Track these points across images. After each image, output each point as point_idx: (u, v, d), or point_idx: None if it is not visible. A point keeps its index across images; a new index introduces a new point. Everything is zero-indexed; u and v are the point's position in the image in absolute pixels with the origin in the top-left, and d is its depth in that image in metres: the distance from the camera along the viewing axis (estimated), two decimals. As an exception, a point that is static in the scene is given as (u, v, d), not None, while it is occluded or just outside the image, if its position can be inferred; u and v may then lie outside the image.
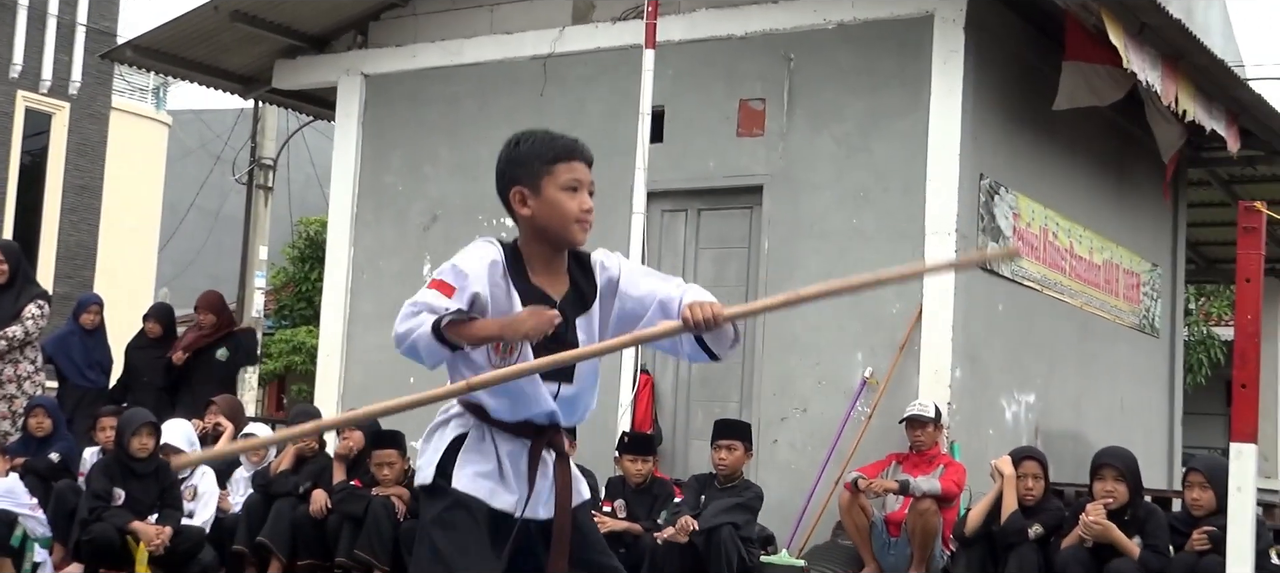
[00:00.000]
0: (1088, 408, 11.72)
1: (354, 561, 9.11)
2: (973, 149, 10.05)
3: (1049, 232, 11.12)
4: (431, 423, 4.00)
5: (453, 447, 3.88)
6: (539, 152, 3.88)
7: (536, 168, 3.86)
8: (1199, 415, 18.91)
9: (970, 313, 9.98)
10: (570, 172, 3.86)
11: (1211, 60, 10.78)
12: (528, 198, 3.86)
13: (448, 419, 3.95)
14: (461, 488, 3.84)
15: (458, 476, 3.84)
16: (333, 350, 12.27)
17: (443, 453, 3.88)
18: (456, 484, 3.84)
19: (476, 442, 3.88)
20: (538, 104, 11.53)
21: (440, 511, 3.85)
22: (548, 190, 3.84)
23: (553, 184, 3.84)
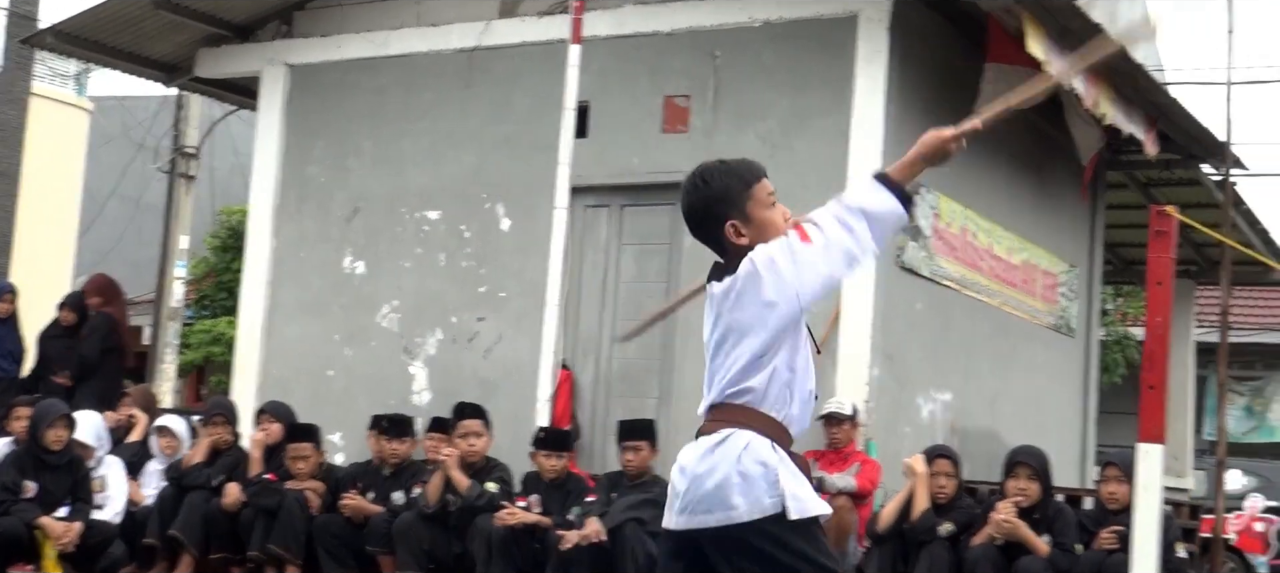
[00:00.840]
0: (1003, 406, 11.85)
1: (267, 555, 9.06)
2: (895, 149, 10.10)
3: (968, 232, 11.23)
4: (740, 449, 3.88)
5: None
6: (735, 180, 4.01)
7: (738, 198, 3.97)
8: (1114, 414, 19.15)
9: (888, 312, 10.06)
10: (764, 188, 4.01)
11: (1131, 66, 10.92)
12: (743, 229, 3.94)
13: (750, 444, 3.88)
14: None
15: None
16: (251, 342, 12.18)
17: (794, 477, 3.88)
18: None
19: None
20: (463, 98, 11.51)
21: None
22: (756, 213, 3.96)
23: (757, 206, 3.97)
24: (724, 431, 3.86)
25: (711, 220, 3.97)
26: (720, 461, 3.83)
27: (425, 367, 11.40)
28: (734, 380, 3.88)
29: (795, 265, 3.80)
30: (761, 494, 3.77)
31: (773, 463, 3.81)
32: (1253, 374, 24.13)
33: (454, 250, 11.43)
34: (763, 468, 3.80)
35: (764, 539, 3.76)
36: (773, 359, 3.85)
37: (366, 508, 9.01)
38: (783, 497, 3.78)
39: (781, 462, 3.84)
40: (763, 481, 3.79)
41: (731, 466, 3.80)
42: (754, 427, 3.85)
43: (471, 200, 11.40)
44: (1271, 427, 23.86)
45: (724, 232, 3.95)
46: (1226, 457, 12.33)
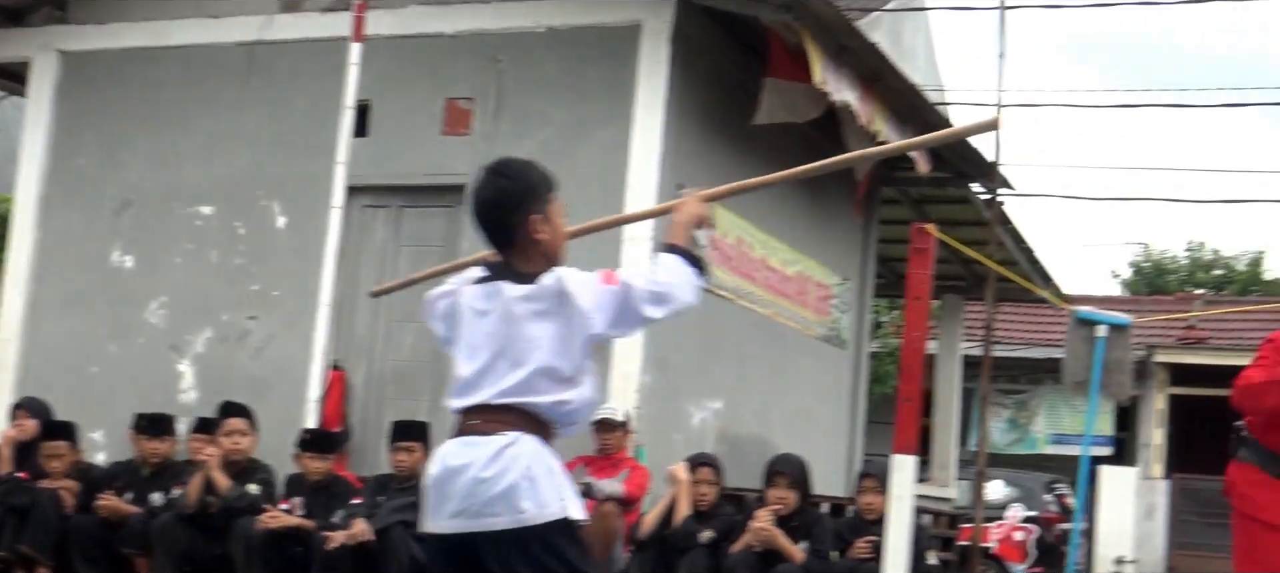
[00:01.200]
0: (773, 415, 12.09)
1: (16, 556, 8.80)
2: (672, 159, 10.26)
3: (743, 242, 11.43)
4: (530, 454, 3.92)
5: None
6: (542, 181, 4.12)
7: (542, 196, 4.08)
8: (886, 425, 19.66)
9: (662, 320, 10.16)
10: (560, 202, 4.15)
11: (905, 85, 11.26)
12: (541, 224, 4.05)
13: (538, 449, 3.95)
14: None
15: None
16: (11, 336, 11.80)
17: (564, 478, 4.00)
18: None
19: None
20: (242, 93, 11.33)
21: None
22: (554, 217, 4.09)
23: (556, 210, 4.10)
24: (510, 434, 3.90)
25: (513, 210, 4.03)
26: (510, 464, 3.85)
27: (193, 365, 11.18)
28: (522, 388, 3.93)
29: (595, 298, 3.93)
30: (549, 499, 3.86)
31: (557, 469, 3.93)
32: (1017, 388, 24.97)
33: (227, 248, 11.23)
34: (550, 473, 3.90)
35: (543, 544, 3.83)
36: (577, 384, 3.98)
37: (122, 508, 8.81)
38: (566, 503, 3.89)
39: (561, 468, 3.96)
40: (551, 485, 3.88)
41: (522, 470, 3.85)
42: (536, 433, 3.92)
43: (247, 198, 11.22)
44: (1034, 439, 24.74)
45: (527, 224, 4.02)
46: (989, 468, 12.79)
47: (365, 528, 8.05)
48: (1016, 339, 24.76)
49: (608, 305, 3.90)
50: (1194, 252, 40.56)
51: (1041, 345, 24.51)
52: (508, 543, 3.83)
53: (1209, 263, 40.20)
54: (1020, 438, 24.72)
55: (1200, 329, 24.10)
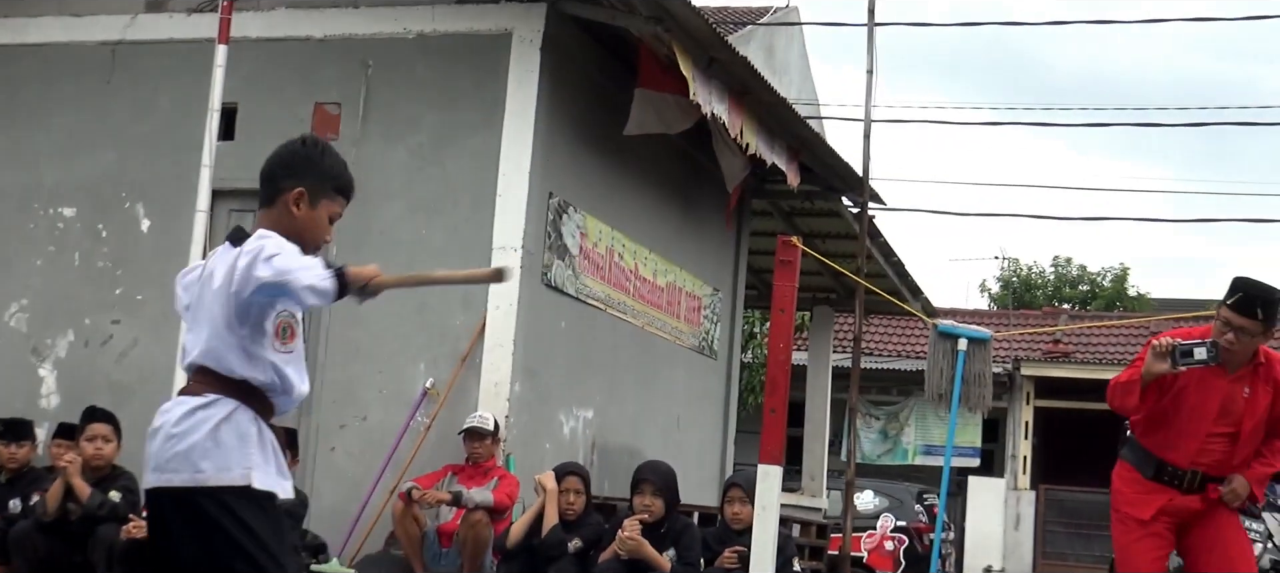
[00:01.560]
0: (645, 425, 12.12)
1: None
2: (543, 168, 10.25)
3: (615, 252, 11.46)
4: (222, 416, 3.88)
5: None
6: (335, 173, 4.10)
7: (322, 185, 4.05)
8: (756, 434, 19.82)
9: (532, 328, 10.18)
10: (338, 206, 4.12)
11: (775, 98, 11.36)
12: (303, 202, 4.00)
13: (233, 413, 3.89)
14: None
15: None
16: None
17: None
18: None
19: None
20: (105, 93, 11.13)
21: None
22: (321, 208, 4.04)
23: (326, 206, 4.06)
24: (211, 396, 3.88)
25: (287, 177, 4.02)
26: (199, 423, 3.84)
27: (54, 369, 10.95)
28: (207, 352, 3.91)
29: (241, 262, 3.81)
30: (230, 463, 3.82)
31: (250, 436, 3.87)
32: (888, 399, 25.30)
33: (89, 250, 11.02)
34: (241, 440, 3.85)
35: (218, 505, 3.79)
36: (256, 354, 3.90)
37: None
38: (249, 470, 3.84)
39: (260, 436, 3.90)
40: (236, 451, 3.84)
41: (207, 431, 3.83)
42: (239, 398, 3.88)
43: (110, 199, 11.01)
44: (904, 450, 25.06)
45: (289, 194, 3.99)
46: (859, 478, 12.94)
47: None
48: (887, 351, 25.09)
49: (241, 266, 3.80)
50: (1060, 267, 41.40)
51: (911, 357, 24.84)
52: (186, 504, 3.81)
53: (1075, 278, 41.06)
54: (891, 449, 25.03)
55: (1066, 344, 24.60)
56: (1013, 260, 41.79)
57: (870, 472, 20.77)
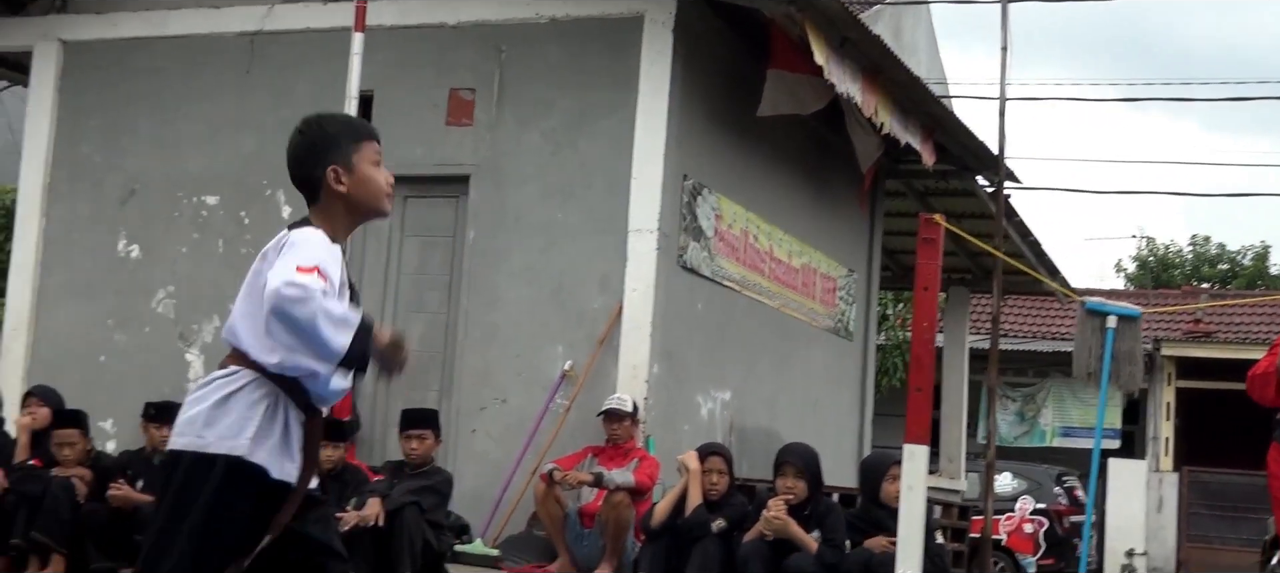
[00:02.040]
0: (782, 406, 12.06)
1: (30, 542, 8.77)
2: (677, 150, 10.23)
3: (749, 234, 11.40)
4: (235, 387, 3.80)
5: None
6: (345, 129, 4.03)
7: (345, 146, 3.96)
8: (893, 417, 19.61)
9: (669, 311, 10.16)
10: (375, 148, 4.01)
11: (908, 77, 11.22)
12: (343, 175, 3.93)
13: (247, 386, 3.81)
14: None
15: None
16: (20, 325, 11.78)
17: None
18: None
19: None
20: (243, 82, 11.30)
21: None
22: (361, 167, 3.95)
23: (364, 160, 3.96)
24: (234, 369, 3.84)
25: (314, 162, 3.95)
26: (213, 391, 3.81)
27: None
28: (230, 330, 3.90)
29: (273, 274, 3.68)
30: (232, 433, 3.74)
31: (259, 410, 3.78)
32: (1025, 380, 24.92)
33: (232, 237, 11.20)
34: (247, 409, 3.77)
35: (200, 476, 3.72)
36: (274, 343, 3.78)
37: (134, 497, 8.77)
38: (249, 441, 3.74)
39: (272, 413, 3.80)
40: (239, 422, 3.76)
41: (218, 398, 3.78)
42: (263, 375, 3.82)
43: (251, 186, 11.19)
44: (1042, 431, 24.67)
45: (325, 176, 3.92)
46: (997, 460, 12.76)
47: (378, 508, 8.02)
48: (1023, 332, 24.72)
49: (266, 290, 3.68)
50: (1198, 246, 40.53)
51: (1048, 338, 24.45)
52: (175, 462, 3.79)
53: (1214, 257, 40.17)
54: (1027, 430, 24.65)
55: (1207, 323, 24.05)
56: (1149, 239, 41.01)
57: (1006, 454, 20.44)
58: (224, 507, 3.75)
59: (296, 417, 3.86)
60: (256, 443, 3.76)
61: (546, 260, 10.25)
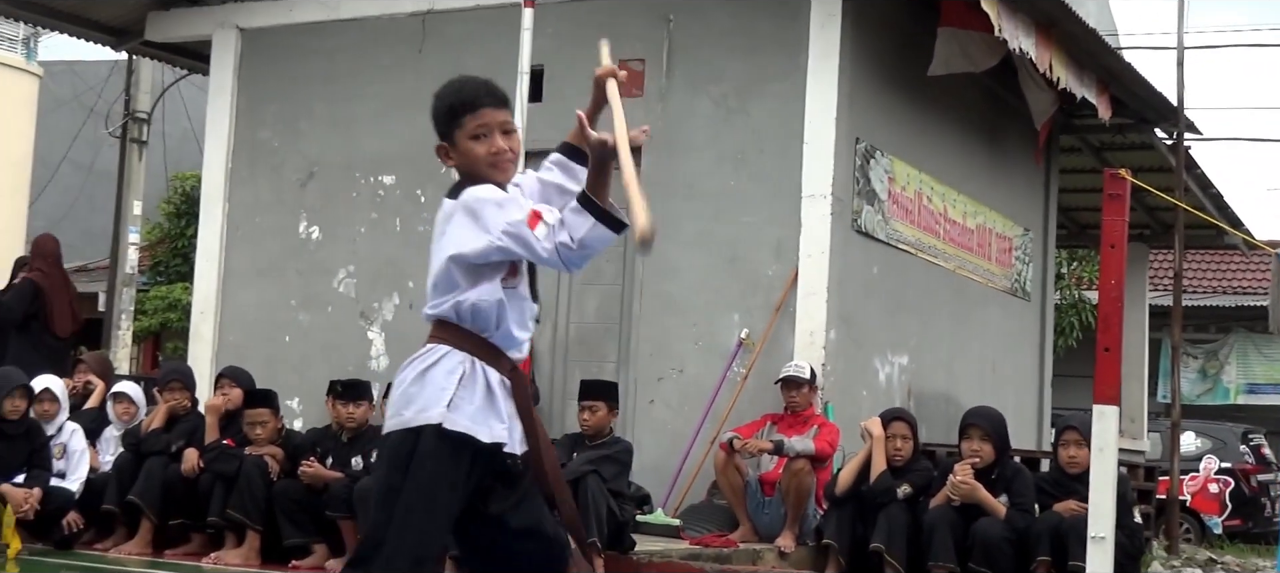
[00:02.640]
0: (960, 369, 11.91)
1: (227, 521, 9.01)
2: (849, 113, 10.13)
3: (923, 196, 11.26)
4: (432, 361, 3.91)
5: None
6: (446, 107, 4.03)
7: (447, 125, 4.02)
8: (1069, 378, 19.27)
9: (845, 275, 10.09)
10: (475, 120, 3.98)
11: (1083, 29, 10.96)
12: (450, 152, 4.02)
13: (444, 358, 3.92)
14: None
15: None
16: (207, 307, 12.11)
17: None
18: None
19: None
20: (416, 61, 11.43)
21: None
22: (461, 143, 3.99)
23: (463, 136, 3.98)
24: (430, 345, 3.93)
25: (438, 139, 4.06)
26: (413, 369, 3.91)
27: (382, 332, 11.36)
28: (432, 301, 3.97)
29: (477, 222, 3.85)
30: (429, 403, 3.85)
31: (455, 378, 3.86)
32: (1206, 337, 24.32)
33: (410, 215, 11.37)
34: (445, 378, 3.86)
35: (406, 451, 3.84)
36: (467, 291, 3.89)
37: (325, 474, 8.96)
38: (445, 410, 3.83)
39: (471, 377, 3.88)
40: (439, 391, 3.85)
41: (417, 374, 3.89)
42: (455, 343, 3.90)
43: (427, 165, 11.31)
44: (1225, 389, 24.07)
45: (442, 156, 4.04)
46: (1181, 419, 12.47)
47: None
48: (1204, 287, 24.11)
49: (493, 224, 3.82)
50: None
51: (1231, 293, 23.82)
52: (390, 443, 3.91)
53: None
54: (1210, 388, 24.07)
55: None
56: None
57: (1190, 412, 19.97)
58: (432, 478, 3.84)
59: (498, 379, 3.93)
60: (455, 409, 3.84)
61: (720, 228, 10.23)
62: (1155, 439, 16.36)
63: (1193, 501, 16.65)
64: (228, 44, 12.32)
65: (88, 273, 21.34)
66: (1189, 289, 22.73)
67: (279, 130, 12.07)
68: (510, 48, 9.87)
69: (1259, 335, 23.27)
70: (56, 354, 11.22)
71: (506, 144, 3.98)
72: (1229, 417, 20.87)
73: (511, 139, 4.00)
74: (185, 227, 21.14)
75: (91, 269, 21.72)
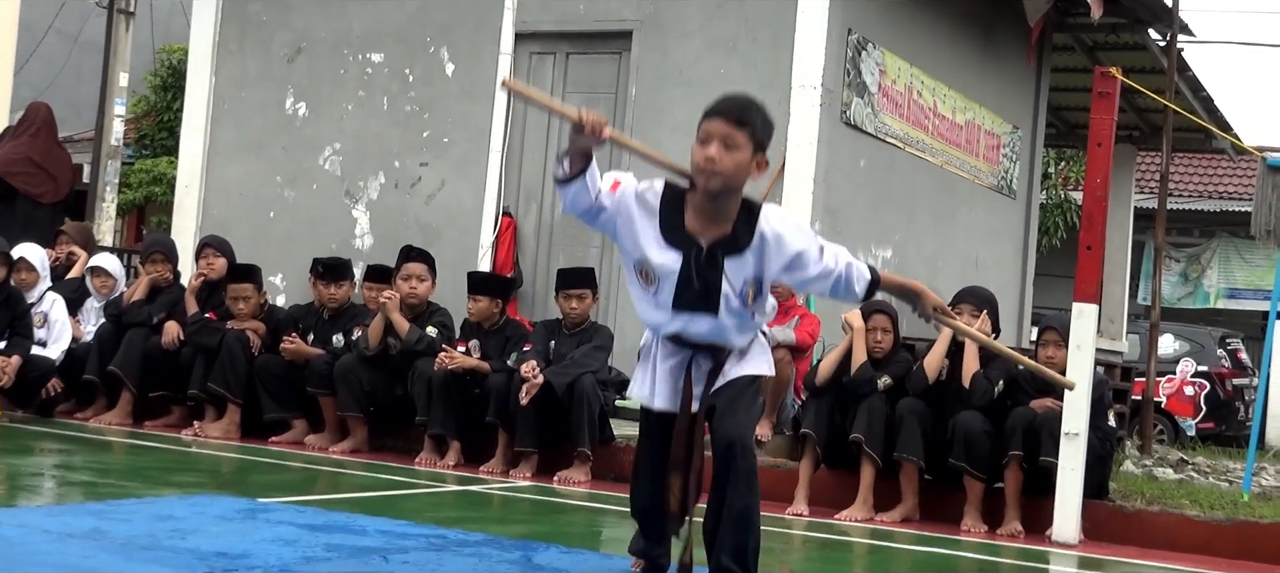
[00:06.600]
0: (943, 264, 11.94)
1: (207, 393, 9.05)
2: (842, 4, 10.07)
3: (913, 89, 11.23)
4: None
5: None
6: (706, 110, 4.36)
7: (699, 122, 4.34)
8: (1052, 277, 19.36)
9: (832, 167, 10.08)
10: (706, 125, 4.29)
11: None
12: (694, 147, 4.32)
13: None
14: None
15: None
16: (191, 181, 12.07)
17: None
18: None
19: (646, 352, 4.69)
20: (409, -61, 11.32)
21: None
22: (695, 142, 4.29)
23: (697, 137, 4.30)
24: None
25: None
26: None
27: (367, 211, 11.34)
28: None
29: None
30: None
31: (639, 354, 4.73)
32: (1189, 241, 24.39)
33: (397, 94, 11.32)
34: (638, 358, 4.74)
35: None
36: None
37: (306, 351, 8.99)
38: (630, 381, 4.80)
39: (647, 354, 4.67)
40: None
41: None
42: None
43: (416, 44, 11.26)
44: (1206, 293, 24.17)
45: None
46: (1160, 321, 12.51)
47: (534, 367, 8.08)
48: (1189, 191, 24.14)
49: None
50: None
51: (1215, 198, 23.85)
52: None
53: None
54: (1191, 292, 24.17)
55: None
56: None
57: (1169, 315, 20.08)
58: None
59: (662, 347, 4.66)
60: (634, 383, 4.79)
61: (709, 116, 10.19)
62: (1134, 341, 16.45)
63: (1168, 402, 16.78)
64: (219, -85, 12.17)
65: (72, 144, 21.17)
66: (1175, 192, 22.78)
67: (268, 4, 11.96)
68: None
69: (1242, 241, 23.36)
70: (38, 223, 11.18)
71: (709, 153, 4.26)
72: (1208, 321, 20.96)
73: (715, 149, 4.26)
74: (172, 100, 21.03)
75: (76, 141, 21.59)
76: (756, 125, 4.31)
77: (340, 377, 8.74)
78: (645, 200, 4.38)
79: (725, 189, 4.29)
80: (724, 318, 4.42)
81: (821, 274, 4.49)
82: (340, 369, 8.74)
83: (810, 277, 4.49)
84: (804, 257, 4.43)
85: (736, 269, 4.37)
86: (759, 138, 4.32)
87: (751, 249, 4.37)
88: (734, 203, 4.36)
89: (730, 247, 4.37)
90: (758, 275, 4.42)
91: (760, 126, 4.32)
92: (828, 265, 4.49)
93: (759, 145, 4.32)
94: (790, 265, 4.43)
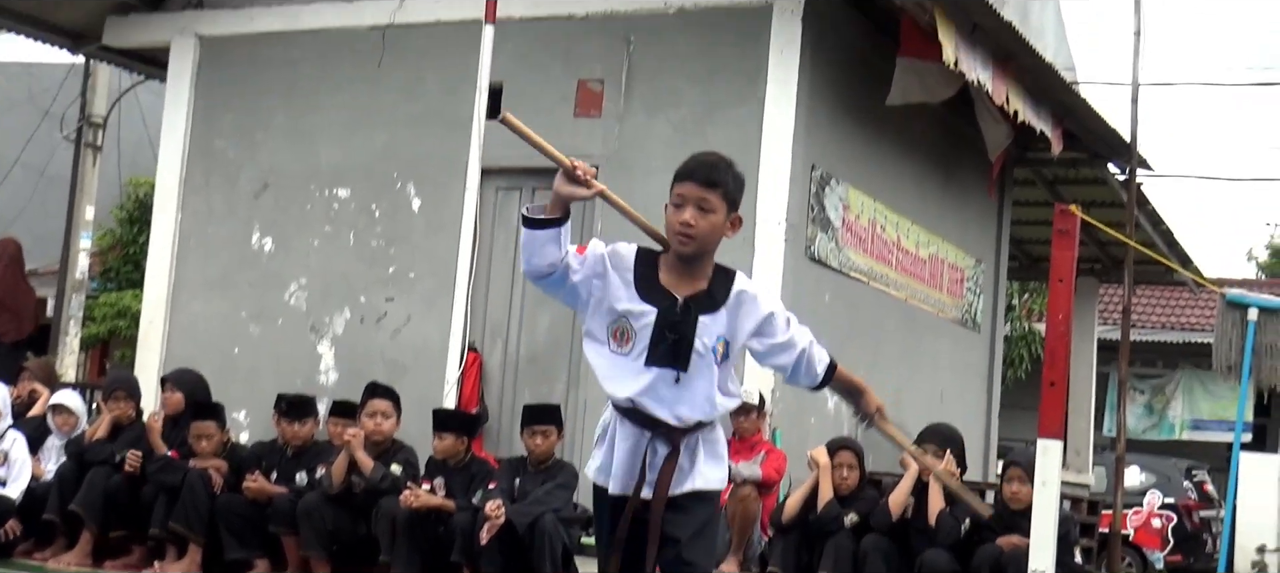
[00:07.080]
0: (909, 399, 11.95)
1: (169, 532, 8.95)
2: (806, 140, 10.18)
3: (877, 224, 11.31)
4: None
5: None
6: (676, 172, 4.42)
7: (671, 187, 4.39)
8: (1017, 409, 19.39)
9: (797, 302, 10.10)
10: (679, 189, 4.37)
11: (1040, 63, 11.06)
12: (667, 211, 4.37)
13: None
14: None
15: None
16: (156, 316, 12.03)
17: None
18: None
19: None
20: (375, 75, 11.42)
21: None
22: (669, 206, 4.36)
23: (671, 201, 4.36)
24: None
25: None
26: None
27: (332, 346, 11.31)
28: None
29: None
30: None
31: (600, 432, 4.51)
32: (1153, 372, 24.49)
33: (364, 229, 11.34)
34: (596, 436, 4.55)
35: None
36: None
37: (269, 489, 8.92)
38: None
39: (605, 432, 4.47)
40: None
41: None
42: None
43: (382, 179, 11.31)
44: (1171, 424, 24.25)
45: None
46: (1125, 453, 12.53)
47: (498, 506, 8.03)
48: (1152, 323, 24.30)
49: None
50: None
51: (1178, 330, 24.00)
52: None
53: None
54: (1156, 423, 24.24)
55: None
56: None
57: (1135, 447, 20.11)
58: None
59: (622, 428, 4.43)
60: (592, 461, 4.54)
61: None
62: (1100, 473, 16.46)
63: (1136, 535, 16.76)
64: (186, 51, 12.26)
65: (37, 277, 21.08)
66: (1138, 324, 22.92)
67: (235, 140, 12.01)
68: (470, 65, 9.89)
69: (1205, 372, 23.43)
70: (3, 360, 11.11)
71: (684, 218, 4.30)
72: (1174, 452, 21.00)
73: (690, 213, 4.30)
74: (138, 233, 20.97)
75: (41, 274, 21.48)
76: (728, 184, 4.38)
77: (303, 515, 8.66)
78: (619, 255, 4.42)
79: (701, 252, 4.33)
80: (693, 377, 4.33)
81: (788, 344, 4.52)
82: (303, 508, 8.67)
83: (777, 343, 4.50)
84: (773, 320, 4.46)
85: (709, 325, 4.35)
86: (732, 196, 4.38)
87: (726, 307, 4.37)
88: (708, 263, 4.39)
89: (705, 303, 4.35)
90: (729, 334, 4.40)
91: (733, 185, 4.39)
92: (794, 336, 4.54)
93: (732, 204, 4.38)
94: (760, 329, 4.44)
